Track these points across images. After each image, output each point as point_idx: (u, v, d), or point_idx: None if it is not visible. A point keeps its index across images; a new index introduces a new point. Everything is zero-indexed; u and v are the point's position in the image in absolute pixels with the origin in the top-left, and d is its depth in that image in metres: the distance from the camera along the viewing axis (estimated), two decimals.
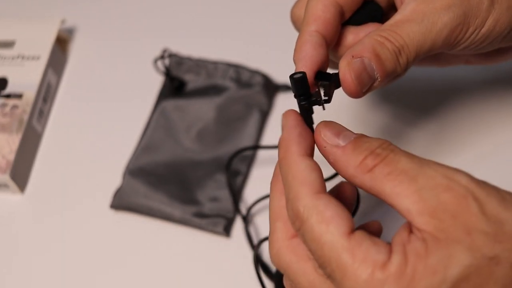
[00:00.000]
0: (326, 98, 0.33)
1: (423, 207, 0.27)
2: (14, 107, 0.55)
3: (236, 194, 0.50)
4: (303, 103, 0.32)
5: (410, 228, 0.28)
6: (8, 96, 0.56)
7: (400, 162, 0.28)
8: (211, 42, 0.61)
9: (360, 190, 0.34)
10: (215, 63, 0.57)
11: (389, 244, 0.28)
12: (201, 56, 0.58)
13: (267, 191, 0.50)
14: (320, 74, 0.34)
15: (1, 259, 0.50)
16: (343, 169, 0.30)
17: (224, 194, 0.50)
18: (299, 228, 0.30)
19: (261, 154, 0.53)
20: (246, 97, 0.55)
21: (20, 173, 0.53)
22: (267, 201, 0.48)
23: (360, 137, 0.30)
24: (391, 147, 0.29)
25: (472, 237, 0.26)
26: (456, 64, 0.44)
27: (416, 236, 0.27)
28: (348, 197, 0.36)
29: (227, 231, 0.49)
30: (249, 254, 0.47)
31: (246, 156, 0.52)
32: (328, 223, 0.28)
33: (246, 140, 0.53)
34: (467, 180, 0.27)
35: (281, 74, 0.57)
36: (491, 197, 0.26)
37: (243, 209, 0.50)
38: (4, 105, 0.55)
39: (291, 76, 0.32)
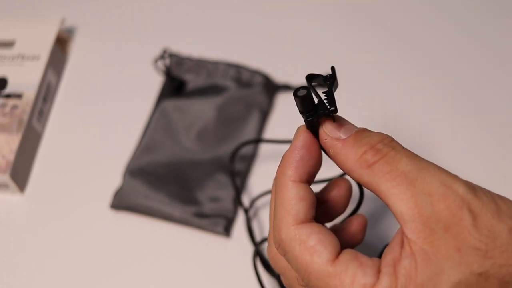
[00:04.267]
0: (333, 108, 0.30)
1: (417, 214, 0.27)
2: (14, 107, 0.55)
3: (238, 187, 0.50)
4: (310, 119, 0.31)
5: (402, 240, 0.27)
6: (8, 96, 0.56)
7: (401, 163, 0.28)
8: (211, 42, 0.61)
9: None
10: (215, 63, 0.57)
11: (378, 263, 0.28)
12: (201, 56, 0.58)
13: (270, 187, 0.50)
14: (311, 77, 0.32)
15: (1, 259, 0.50)
16: (342, 163, 0.30)
17: (224, 194, 0.50)
18: (283, 255, 0.30)
19: (264, 149, 0.53)
20: (246, 97, 0.55)
21: (20, 173, 0.53)
22: (269, 196, 0.48)
23: (361, 131, 0.30)
24: (393, 143, 0.29)
25: (462, 253, 0.26)
26: None
27: (406, 251, 0.27)
28: (343, 195, 0.36)
29: (227, 231, 0.49)
30: (249, 254, 0.47)
31: (246, 155, 0.52)
32: (312, 253, 0.29)
33: (246, 140, 0.53)
34: (464, 190, 0.27)
35: (282, 74, 0.57)
36: (486, 209, 0.26)
37: (246, 202, 0.50)
38: (4, 105, 0.55)
39: (295, 94, 0.31)
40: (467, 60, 0.57)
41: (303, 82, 0.56)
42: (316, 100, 0.31)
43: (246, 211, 0.49)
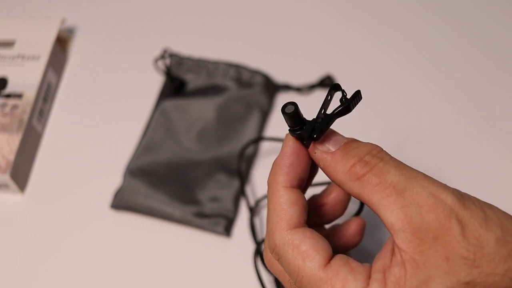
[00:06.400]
0: (315, 136, 0.30)
1: (407, 225, 0.27)
2: (14, 107, 0.55)
3: (244, 182, 0.50)
4: (295, 134, 0.32)
5: (392, 248, 0.28)
6: (8, 96, 0.56)
7: (389, 174, 0.28)
8: (211, 42, 0.61)
9: None
10: (215, 63, 0.57)
11: (368, 268, 0.28)
12: (202, 55, 0.58)
13: None
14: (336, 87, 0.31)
15: (2, 259, 0.50)
16: (332, 175, 0.30)
17: (225, 194, 0.50)
18: (277, 259, 0.31)
19: (265, 149, 0.53)
20: (247, 97, 0.55)
21: (20, 173, 0.53)
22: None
23: (349, 143, 0.30)
24: (381, 154, 0.29)
25: (450, 262, 0.26)
26: None
27: (397, 259, 0.27)
28: (342, 197, 0.37)
29: (227, 231, 0.49)
30: (249, 254, 0.47)
31: (247, 155, 0.52)
32: (305, 258, 0.29)
33: (246, 140, 0.53)
34: (452, 200, 0.27)
35: (282, 74, 0.57)
36: (474, 218, 0.27)
37: (252, 201, 0.50)
38: (4, 105, 0.55)
39: (283, 110, 0.31)
40: (467, 59, 0.58)
41: (303, 82, 0.57)
42: (303, 115, 0.31)
43: (251, 209, 0.49)
